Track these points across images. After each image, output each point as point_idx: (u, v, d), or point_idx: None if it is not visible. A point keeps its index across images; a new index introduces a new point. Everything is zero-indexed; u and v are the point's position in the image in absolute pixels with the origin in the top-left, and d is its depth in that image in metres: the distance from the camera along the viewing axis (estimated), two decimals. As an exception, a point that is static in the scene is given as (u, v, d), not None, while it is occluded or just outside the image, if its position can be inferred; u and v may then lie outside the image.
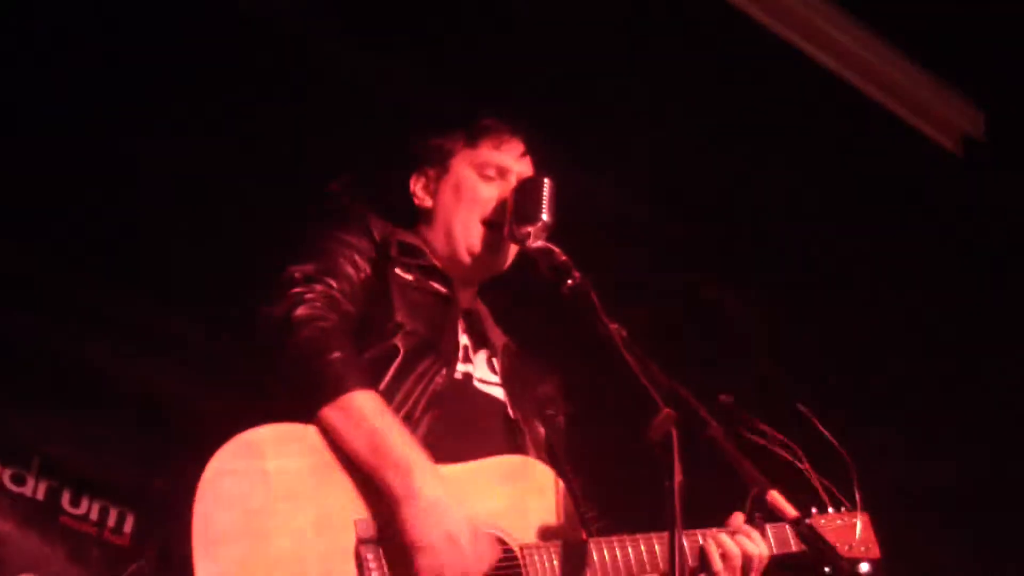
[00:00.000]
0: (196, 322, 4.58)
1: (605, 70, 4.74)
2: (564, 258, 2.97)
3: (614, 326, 2.81)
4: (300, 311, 2.83)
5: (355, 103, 4.51)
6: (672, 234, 5.20)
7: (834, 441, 2.95)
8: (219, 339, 4.30)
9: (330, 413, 2.74)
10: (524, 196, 3.15)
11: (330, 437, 2.74)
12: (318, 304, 2.87)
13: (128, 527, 4.59)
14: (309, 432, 2.74)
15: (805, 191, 5.18)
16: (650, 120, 4.88)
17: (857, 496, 3.06)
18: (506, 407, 3.14)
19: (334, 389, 2.75)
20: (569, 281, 2.92)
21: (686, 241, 5.21)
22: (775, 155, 5.04)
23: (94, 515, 4.55)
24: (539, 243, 3.05)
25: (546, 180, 3.15)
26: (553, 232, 3.09)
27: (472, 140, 3.34)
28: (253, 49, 4.37)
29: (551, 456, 3.12)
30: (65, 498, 4.52)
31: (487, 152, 3.32)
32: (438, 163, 3.34)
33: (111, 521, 4.57)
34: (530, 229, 3.08)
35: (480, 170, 3.30)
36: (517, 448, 3.07)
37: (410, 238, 3.25)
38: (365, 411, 2.74)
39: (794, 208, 5.23)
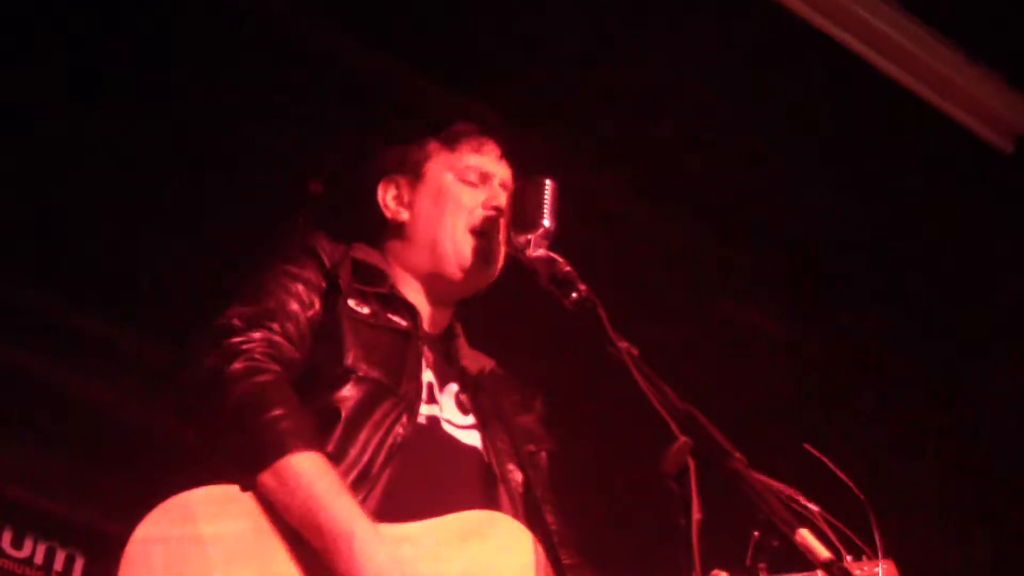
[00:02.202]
0: (164, 347, 4.37)
1: (616, 64, 4.65)
2: (568, 269, 2.75)
3: (624, 345, 2.59)
4: (236, 364, 2.64)
5: (337, 96, 4.46)
6: (692, 242, 5.08)
7: (848, 481, 2.72)
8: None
9: (267, 480, 2.56)
10: (523, 200, 2.93)
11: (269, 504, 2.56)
12: (257, 355, 2.68)
13: (77, 572, 4.36)
14: (247, 496, 2.56)
15: (845, 193, 5.05)
16: (669, 117, 4.78)
17: (877, 541, 2.78)
18: (479, 452, 2.92)
19: (272, 453, 2.55)
20: (574, 295, 2.70)
21: (707, 250, 5.11)
22: (813, 155, 4.92)
23: (39, 558, 4.30)
24: (540, 252, 2.83)
25: (547, 181, 2.93)
26: (555, 240, 2.88)
27: (449, 144, 3.17)
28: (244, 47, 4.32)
29: (528, 505, 2.92)
30: (6, 539, 4.27)
31: (467, 156, 3.17)
32: (410, 170, 3.17)
33: (58, 565, 4.33)
34: (530, 237, 2.86)
35: (461, 175, 3.14)
36: (491, 499, 2.85)
37: (371, 257, 3.07)
38: (302, 477, 2.55)
39: (833, 211, 5.10)
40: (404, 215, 3.13)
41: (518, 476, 2.94)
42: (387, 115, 4.46)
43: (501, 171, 3.17)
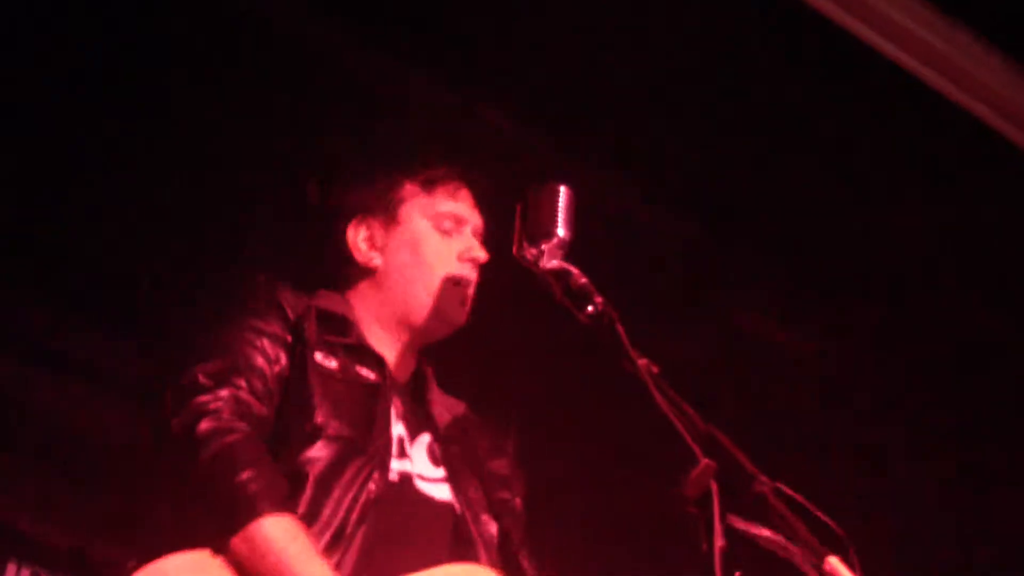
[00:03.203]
0: (152, 366, 4.15)
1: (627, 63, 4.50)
2: (584, 281, 2.57)
3: (643, 361, 2.43)
4: (204, 425, 2.54)
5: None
6: (713, 251, 4.92)
7: (829, 521, 2.56)
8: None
9: (238, 544, 2.47)
10: (536, 208, 2.72)
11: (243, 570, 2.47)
12: (224, 414, 2.57)
13: (64, 599, 4.19)
14: (219, 563, 2.47)
15: (856, 192, 4.87)
16: (694, 122, 4.64)
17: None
18: (451, 507, 2.81)
19: (241, 516, 2.46)
20: (590, 308, 2.53)
21: (729, 259, 4.95)
22: (824, 154, 4.76)
23: (22, 584, 4.17)
24: (554, 263, 2.63)
25: (562, 188, 2.72)
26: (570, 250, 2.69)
27: (427, 188, 3.02)
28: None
29: (505, 556, 2.81)
30: (-13, 565, 4.16)
31: (443, 201, 3.02)
32: (384, 211, 3.01)
33: (40, 589, 4.21)
34: (543, 247, 2.65)
35: (437, 222, 3.00)
36: (466, 556, 2.74)
37: (335, 305, 2.93)
38: (273, 543, 2.45)
39: (843, 211, 4.93)
40: (377, 260, 2.98)
41: (492, 528, 2.84)
42: (388, 115, 4.37)
43: (475, 218, 3.05)
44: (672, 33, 4.41)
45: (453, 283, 2.93)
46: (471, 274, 2.96)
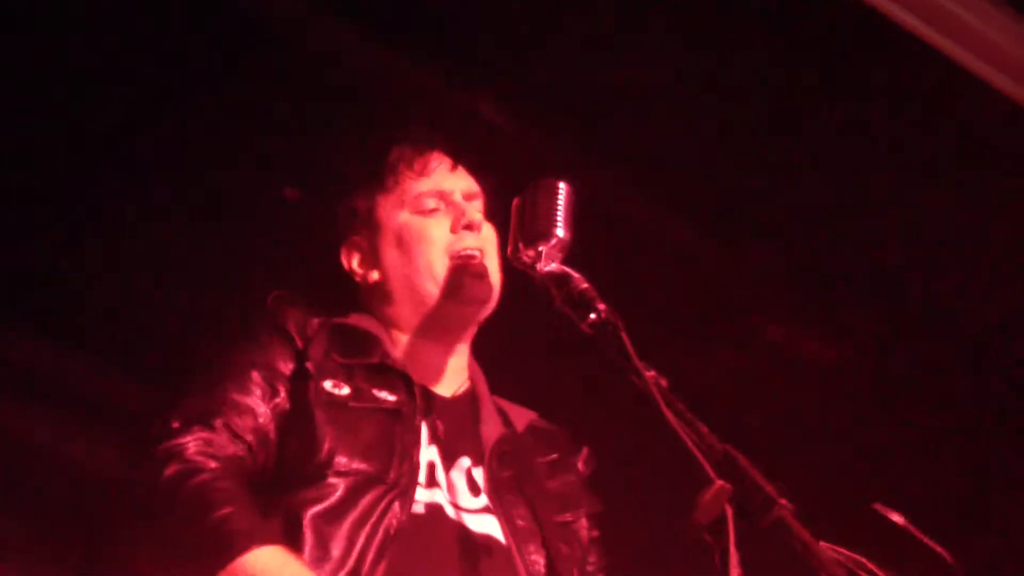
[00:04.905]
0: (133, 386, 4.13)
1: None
2: (586, 286, 2.30)
3: (651, 374, 2.16)
4: (169, 470, 2.33)
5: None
6: (720, 253, 4.64)
7: (934, 544, 2.33)
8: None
9: None
10: (533, 206, 2.47)
11: None
12: (190, 453, 2.37)
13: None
14: None
15: (869, 191, 4.59)
16: (699, 120, 4.37)
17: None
18: (493, 540, 2.52)
19: (226, 552, 2.23)
20: (592, 316, 2.25)
21: (736, 261, 4.68)
22: (840, 149, 4.46)
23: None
24: (553, 267, 2.37)
25: (561, 185, 2.48)
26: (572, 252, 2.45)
27: (389, 179, 2.79)
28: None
29: None
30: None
31: (413, 184, 2.78)
32: (364, 224, 2.80)
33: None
34: (541, 249, 2.39)
35: (415, 207, 2.76)
36: None
37: (363, 322, 2.71)
38: (265, 572, 2.21)
39: (852, 210, 4.64)
40: (375, 275, 2.77)
41: (539, 561, 2.55)
42: (388, 116, 4.16)
43: (460, 183, 2.81)
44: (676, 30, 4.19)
45: (458, 259, 2.69)
46: (474, 242, 2.72)
